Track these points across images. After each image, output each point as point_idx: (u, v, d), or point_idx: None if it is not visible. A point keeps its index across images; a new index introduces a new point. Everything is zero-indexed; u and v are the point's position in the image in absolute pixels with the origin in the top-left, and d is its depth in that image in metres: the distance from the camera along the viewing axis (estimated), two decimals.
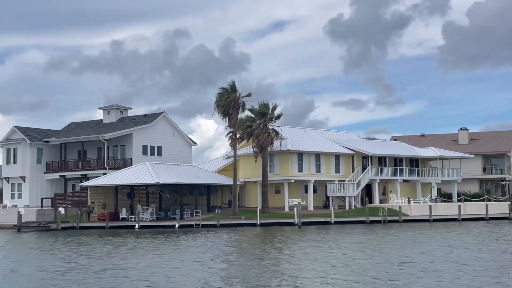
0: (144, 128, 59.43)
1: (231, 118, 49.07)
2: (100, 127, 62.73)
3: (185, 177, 49.49)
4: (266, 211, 49.58)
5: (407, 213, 50.42)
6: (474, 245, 29.35)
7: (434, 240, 32.57)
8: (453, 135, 73.19)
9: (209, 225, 45.11)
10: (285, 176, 52.44)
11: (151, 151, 60.29)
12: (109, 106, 64.53)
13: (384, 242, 32.06)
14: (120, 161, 57.29)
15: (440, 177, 59.18)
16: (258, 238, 36.01)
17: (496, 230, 40.29)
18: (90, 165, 57.03)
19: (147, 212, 47.73)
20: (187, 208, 49.78)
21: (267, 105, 50.85)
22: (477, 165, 67.64)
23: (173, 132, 62.80)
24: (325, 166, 54.75)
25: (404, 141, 71.64)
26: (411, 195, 58.10)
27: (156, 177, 45.73)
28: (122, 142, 59.05)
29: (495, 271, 20.62)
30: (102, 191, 49.21)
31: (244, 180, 56.20)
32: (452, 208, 52.06)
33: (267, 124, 50.50)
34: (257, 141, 50.07)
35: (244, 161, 55.87)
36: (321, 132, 61.53)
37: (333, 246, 29.40)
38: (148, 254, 26.78)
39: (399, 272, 20.40)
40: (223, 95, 48.98)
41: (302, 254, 25.96)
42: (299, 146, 53.24)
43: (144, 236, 37.88)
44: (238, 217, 47.41)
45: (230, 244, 31.83)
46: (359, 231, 39.37)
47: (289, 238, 34.72)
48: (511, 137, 70.64)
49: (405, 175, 58.08)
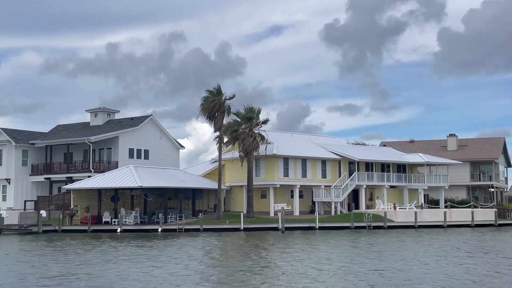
0: (130, 131, 59.11)
1: (216, 121, 48.81)
2: (87, 129, 62.35)
3: (170, 181, 49.16)
4: (251, 216, 49.27)
5: (393, 219, 50.21)
6: (429, 255, 28.78)
7: (400, 249, 32.32)
8: (442, 141, 73.07)
9: (193, 229, 44.77)
10: (270, 180, 52.17)
11: (138, 154, 59.96)
12: (96, 109, 64.18)
13: (356, 248, 31.74)
14: (106, 164, 56.95)
15: (427, 183, 59.01)
16: (234, 243, 35.64)
17: (471, 238, 40.12)
18: (76, 167, 56.62)
19: (131, 216, 47.38)
20: (172, 212, 49.43)
21: (253, 110, 50.62)
22: (465, 172, 67.51)
23: (161, 136, 62.50)
24: (311, 171, 54.50)
25: (393, 147, 71.45)
26: (398, 201, 57.93)
27: (140, 180, 45.39)
28: (108, 145, 58.70)
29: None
30: (86, 194, 48.80)
31: (230, 185, 55.90)
32: (438, 214, 51.89)
33: (252, 128, 50.23)
34: (243, 146, 49.80)
35: (231, 166, 55.58)
36: (308, 137, 61.30)
37: (307, 252, 29.09)
38: (112, 260, 26.08)
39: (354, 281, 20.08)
40: (208, 98, 48.71)
41: (266, 262, 25.50)
42: (285, 151, 52.98)
43: (122, 240, 37.47)
44: (222, 221, 47.09)
45: (203, 250, 31.45)
46: (339, 237, 39.05)
47: (265, 244, 34.41)
48: (500, 144, 70.56)
49: (392, 181, 57.88)
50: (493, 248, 32.27)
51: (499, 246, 33.87)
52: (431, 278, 20.64)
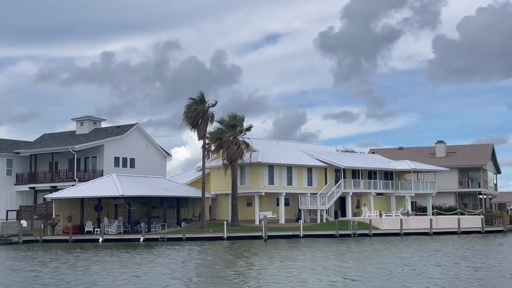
0: (116, 140, 58.73)
1: (199, 129, 48.43)
2: (73, 138, 61.95)
3: (153, 189, 48.73)
4: (235, 224, 48.84)
5: (379, 226, 49.83)
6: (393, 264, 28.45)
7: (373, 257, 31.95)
8: (431, 148, 72.85)
9: (175, 238, 44.31)
10: (255, 188, 51.78)
11: (123, 163, 59.53)
12: (82, 117, 63.79)
13: (330, 257, 31.34)
14: (91, 173, 56.51)
15: (414, 190, 58.66)
16: (212, 252, 35.15)
17: (450, 246, 39.79)
18: (60, 177, 56.19)
19: (113, 225, 46.88)
20: (156, 221, 48.93)
21: (237, 117, 50.29)
22: (453, 179, 67.23)
23: (147, 144, 62.14)
24: (297, 178, 54.13)
25: (382, 154, 71.18)
26: (385, 208, 57.57)
27: (122, 189, 44.95)
28: (94, 153, 58.30)
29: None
30: (68, 203, 48.31)
31: (215, 193, 55.49)
32: (424, 221, 51.54)
33: (237, 136, 49.88)
34: (227, 153, 49.44)
35: (216, 174, 55.18)
36: (294, 144, 60.94)
37: (283, 260, 28.71)
38: (81, 271, 25.60)
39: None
40: (191, 106, 48.37)
41: (234, 271, 25.16)
42: (270, 158, 52.61)
43: (102, 250, 37.00)
44: (206, 230, 46.65)
45: (176, 260, 31.02)
46: (318, 246, 38.53)
47: (244, 253, 34.01)
48: (488, 150, 70.35)
49: (379, 188, 57.54)
50: (468, 256, 31.87)
51: (476, 253, 33.51)
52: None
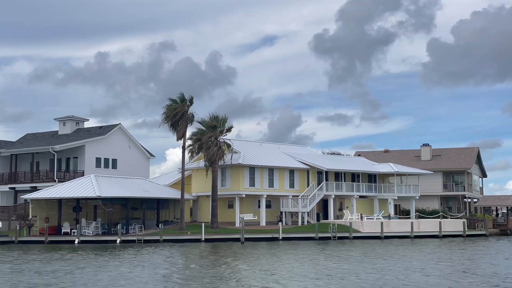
0: (98, 140, 58.29)
1: (179, 130, 47.96)
2: (55, 138, 61.46)
3: (132, 190, 48.21)
4: (215, 226, 48.39)
5: (359, 229, 49.51)
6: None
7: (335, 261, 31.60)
8: (416, 151, 72.56)
9: (152, 240, 43.82)
10: (236, 190, 51.36)
11: (105, 164, 59.09)
12: (65, 117, 63.32)
13: (299, 260, 30.98)
14: (72, 174, 56.01)
15: (397, 193, 58.34)
16: (181, 255, 34.66)
17: (418, 249, 39.51)
18: (41, 177, 55.68)
19: (91, 226, 46.35)
20: (135, 223, 48.43)
21: (218, 118, 49.88)
22: (438, 182, 66.96)
23: (129, 145, 61.70)
24: (279, 181, 53.73)
25: (368, 157, 70.86)
26: (369, 211, 57.27)
27: (98, 190, 44.42)
28: (75, 154, 57.84)
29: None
30: (46, 204, 47.73)
31: (197, 194, 55.04)
32: (406, 225, 51.24)
33: (217, 137, 49.45)
34: (207, 155, 49.00)
35: (197, 175, 54.73)
36: (277, 146, 60.53)
37: (248, 263, 28.31)
38: (37, 274, 25.10)
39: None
40: (170, 106, 47.92)
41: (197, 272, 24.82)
42: (251, 160, 52.20)
43: (68, 252, 36.37)
44: (184, 232, 46.17)
45: (145, 261, 30.60)
46: (292, 249, 38.10)
47: (209, 256, 33.59)
48: (473, 154, 70.10)
49: (362, 191, 57.20)
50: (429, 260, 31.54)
51: (442, 257, 33.21)
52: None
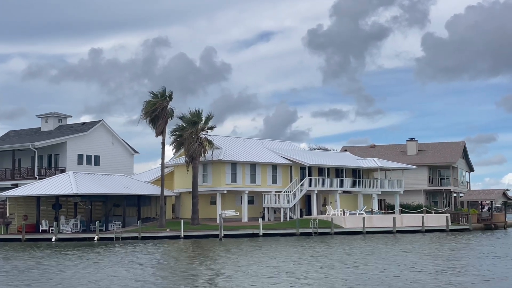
0: (80, 137, 57.73)
1: (158, 126, 47.46)
2: (38, 135, 60.88)
3: (111, 187, 47.73)
4: (195, 223, 47.99)
5: (342, 225, 49.18)
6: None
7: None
8: (403, 146, 72.29)
9: (131, 237, 43.38)
10: (217, 186, 50.93)
11: (88, 161, 58.53)
12: (47, 114, 62.73)
13: (270, 256, 30.66)
14: (53, 171, 55.45)
15: (381, 188, 58.05)
16: (148, 253, 34.16)
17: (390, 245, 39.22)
18: (22, 174, 55.13)
19: (69, 223, 45.87)
20: (115, 220, 47.97)
21: (199, 114, 49.40)
22: (423, 177, 66.70)
23: (113, 141, 61.15)
24: (261, 176, 53.32)
25: (355, 152, 70.53)
26: (353, 206, 56.94)
27: (76, 187, 43.94)
28: (57, 151, 57.27)
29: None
30: (24, 202, 47.22)
31: (179, 191, 54.59)
32: (388, 220, 50.91)
33: (198, 133, 48.97)
34: (188, 151, 48.55)
35: (179, 171, 54.27)
36: (261, 142, 60.09)
37: (212, 260, 27.97)
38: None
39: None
40: (150, 102, 47.39)
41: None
42: (232, 156, 51.76)
43: (40, 250, 35.96)
44: (163, 229, 45.74)
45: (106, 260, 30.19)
46: (267, 245, 37.76)
47: (178, 253, 33.23)
48: (459, 148, 69.85)
49: (346, 186, 56.87)
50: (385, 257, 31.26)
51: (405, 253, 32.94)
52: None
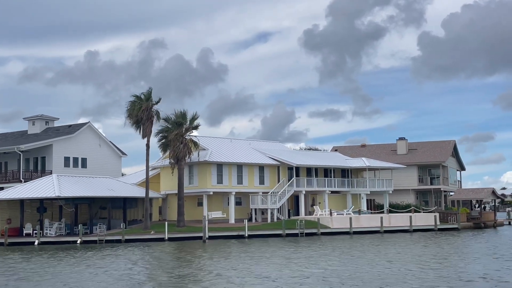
0: (66, 139, 57.34)
1: (144, 128, 47.02)
2: (24, 138, 60.45)
3: (96, 190, 47.28)
4: (181, 225, 47.56)
5: (329, 225, 48.83)
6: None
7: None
8: (393, 145, 71.93)
9: (114, 240, 42.94)
10: (203, 188, 50.52)
11: (74, 163, 58.14)
12: (34, 117, 62.37)
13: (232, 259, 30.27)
14: (39, 174, 54.99)
15: (370, 188, 57.70)
16: (122, 257, 33.74)
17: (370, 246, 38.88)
18: (7, 177, 54.66)
19: (53, 227, 45.41)
20: (100, 223, 47.49)
21: (184, 115, 48.98)
22: (413, 176, 66.37)
23: (100, 143, 60.75)
24: (248, 177, 52.91)
25: (345, 152, 70.20)
26: (342, 207, 56.58)
27: (59, 190, 43.48)
28: (43, 153, 56.88)
29: None
30: (7, 205, 46.77)
31: (165, 193, 54.16)
32: (376, 220, 50.58)
33: (183, 134, 48.55)
34: (173, 152, 48.14)
35: (166, 173, 53.83)
36: (248, 142, 59.69)
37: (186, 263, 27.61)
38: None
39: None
40: (134, 103, 46.97)
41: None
42: (219, 157, 51.35)
43: (22, 254, 35.54)
44: (147, 231, 45.32)
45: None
46: (249, 247, 37.41)
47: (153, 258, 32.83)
48: (449, 147, 69.57)
49: (334, 186, 56.49)
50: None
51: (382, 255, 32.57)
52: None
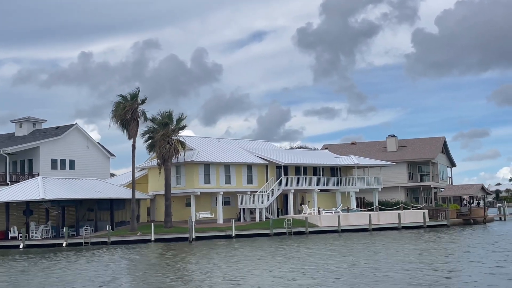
0: (53, 141, 56.95)
1: (129, 129, 46.67)
2: (12, 140, 59.99)
3: (82, 192, 46.92)
4: (168, 225, 47.25)
5: (317, 224, 48.63)
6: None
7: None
8: (382, 142, 71.79)
9: (100, 242, 42.62)
10: (190, 188, 50.21)
11: (62, 165, 57.74)
12: (21, 119, 61.91)
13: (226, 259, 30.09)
14: (26, 176, 54.58)
15: (359, 186, 57.52)
16: (107, 259, 33.53)
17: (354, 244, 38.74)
18: None
19: (39, 230, 45.05)
20: (87, 225, 47.16)
21: (170, 115, 48.68)
22: (403, 173, 66.24)
23: (88, 145, 60.38)
24: (236, 177, 52.64)
25: (335, 150, 70.05)
26: (331, 205, 56.39)
27: (43, 192, 43.13)
28: (30, 156, 56.44)
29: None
30: None
31: (153, 193, 53.85)
32: (365, 217, 50.41)
33: (170, 135, 48.23)
34: (159, 153, 47.83)
35: (153, 174, 53.49)
36: (237, 141, 59.43)
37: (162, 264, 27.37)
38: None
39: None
40: (119, 104, 46.61)
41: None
42: (206, 157, 51.05)
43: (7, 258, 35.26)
44: (134, 233, 45.01)
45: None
46: (234, 248, 37.18)
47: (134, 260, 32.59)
48: (439, 144, 69.45)
49: (323, 185, 56.28)
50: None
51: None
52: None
